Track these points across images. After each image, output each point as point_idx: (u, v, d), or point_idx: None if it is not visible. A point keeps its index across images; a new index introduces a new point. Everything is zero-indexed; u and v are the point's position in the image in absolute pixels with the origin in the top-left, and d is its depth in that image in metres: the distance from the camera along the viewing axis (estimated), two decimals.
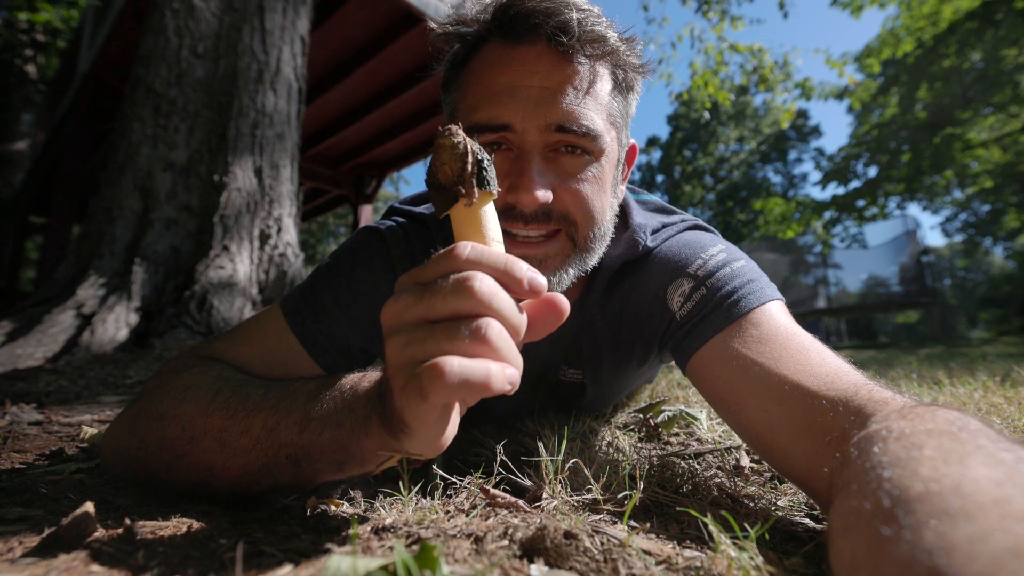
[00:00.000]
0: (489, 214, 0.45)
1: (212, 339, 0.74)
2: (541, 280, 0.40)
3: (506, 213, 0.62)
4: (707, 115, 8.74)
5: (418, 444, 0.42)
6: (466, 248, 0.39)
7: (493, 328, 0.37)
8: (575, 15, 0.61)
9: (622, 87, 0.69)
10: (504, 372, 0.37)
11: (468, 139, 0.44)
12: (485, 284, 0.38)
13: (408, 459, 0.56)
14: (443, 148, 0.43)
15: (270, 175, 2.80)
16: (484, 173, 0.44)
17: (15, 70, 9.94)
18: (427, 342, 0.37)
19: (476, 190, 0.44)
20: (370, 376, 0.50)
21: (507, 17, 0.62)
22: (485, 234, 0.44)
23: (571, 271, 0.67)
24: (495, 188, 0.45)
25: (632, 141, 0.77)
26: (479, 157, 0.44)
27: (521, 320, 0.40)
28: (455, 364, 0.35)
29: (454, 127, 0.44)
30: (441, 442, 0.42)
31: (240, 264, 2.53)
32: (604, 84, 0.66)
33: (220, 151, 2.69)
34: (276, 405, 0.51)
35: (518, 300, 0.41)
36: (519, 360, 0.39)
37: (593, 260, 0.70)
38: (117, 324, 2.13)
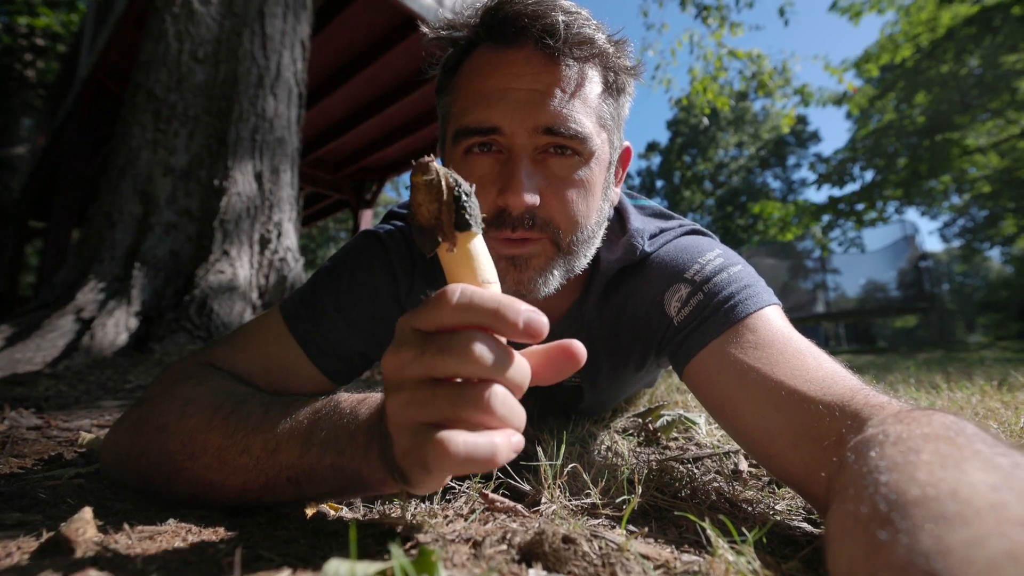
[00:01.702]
0: (478, 253, 0.41)
1: (212, 344, 0.74)
2: (539, 320, 0.37)
3: (497, 219, 0.62)
4: (706, 121, 8.80)
5: (418, 491, 0.43)
6: (455, 293, 0.37)
7: (497, 397, 0.36)
8: (562, 17, 0.61)
9: (613, 89, 0.69)
10: (509, 442, 0.36)
11: (444, 172, 0.39)
12: (486, 349, 0.36)
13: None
14: (417, 187, 0.39)
15: (270, 180, 2.81)
16: (463, 212, 0.39)
17: (15, 74, 9.97)
18: (428, 406, 0.36)
19: (456, 234, 0.39)
20: (369, 400, 0.50)
21: (495, 21, 0.63)
22: (476, 277, 0.40)
23: (556, 273, 0.67)
24: (478, 226, 0.40)
25: (626, 144, 0.77)
26: (456, 194, 0.39)
27: (524, 378, 0.39)
28: (460, 443, 0.34)
29: (426, 160, 0.39)
30: (440, 485, 0.43)
31: (240, 268, 2.53)
32: (594, 86, 0.66)
33: (220, 156, 2.70)
34: (276, 426, 0.51)
35: (523, 345, 0.39)
36: (522, 420, 0.39)
37: (581, 263, 0.70)
38: (117, 328, 2.13)
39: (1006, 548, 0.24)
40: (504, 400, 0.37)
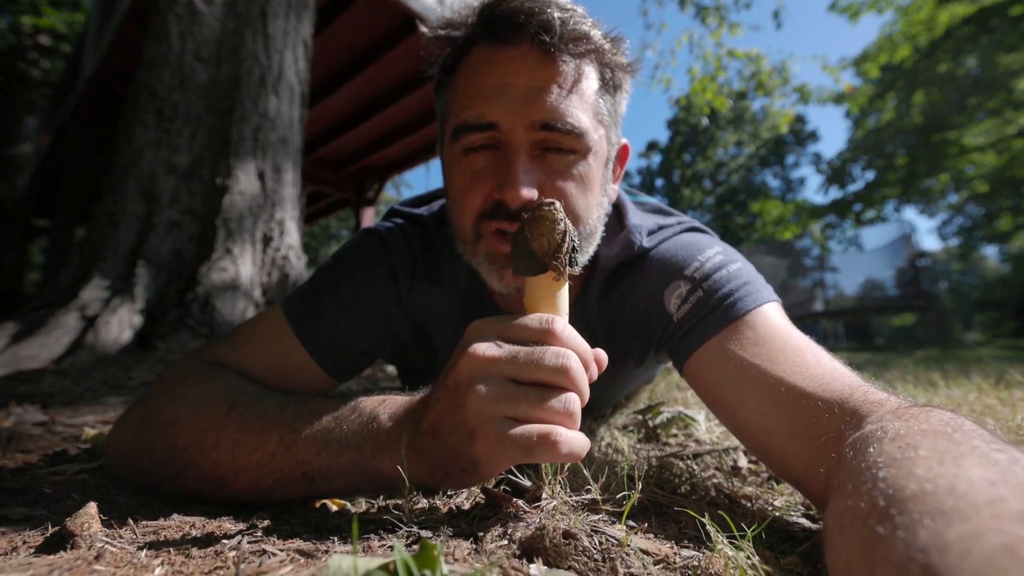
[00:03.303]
0: (565, 290, 0.50)
1: (215, 342, 0.75)
2: (597, 371, 0.49)
3: (494, 211, 0.63)
4: (706, 120, 8.83)
5: (469, 482, 0.49)
6: (563, 328, 0.46)
7: (577, 405, 0.45)
8: (557, 14, 0.61)
9: (609, 86, 0.69)
10: (584, 444, 0.44)
11: (567, 219, 0.48)
12: (580, 368, 0.45)
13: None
14: (544, 220, 0.48)
15: (272, 178, 2.81)
16: (574, 254, 0.49)
17: (19, 74, 9.98)
18: (519, 403, 0.43)
19: (567, 270, 0.48)
20: (391, 401, 0.52)
21: (492, 18, 0.63)
22: (559, 308, 0.49)
23: None
24: (579, 268, 0.50)
25: (624, 141, 0.78)
26: (573, 237, 0.49)
27: (587, 393, 0.47)
28: (564, 438, 0.42)
29: (559, 203, 0.49)
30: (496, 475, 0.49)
31: (243, 267, 2.53)
32: (590, 82, 0.66)
33: (223, 155, 2.70)
34: (293, 423, 0.53)
35: None
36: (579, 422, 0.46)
37: (582, 258, 0.70)
38: (120, 326, 2.14)
39: (1003, 543, 0.24)
40: (578, 409, 0.45)
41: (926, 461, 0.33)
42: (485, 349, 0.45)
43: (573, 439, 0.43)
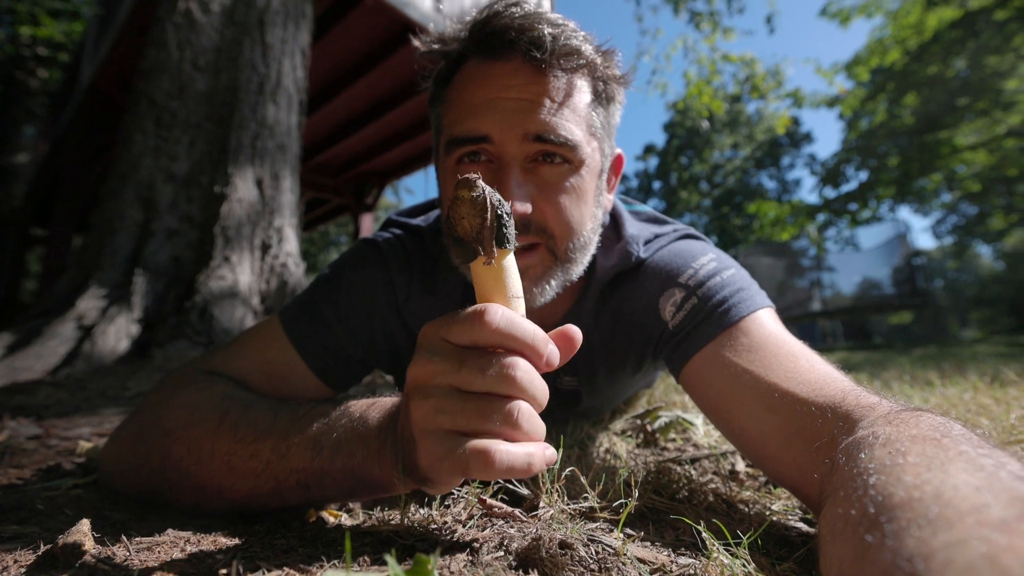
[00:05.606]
0: (509, 269, 0.44)
1: (212, 352, 0.75)
2: (557, 356, 0.43)
3: None
4: (706, 124, 8.88)
5: (434, 492, 0.45)
6: (496, 316, 0.40)
7: (523, 413, 0.40)
8: (548, 30, 0.62)
9: (602, 98, 0.70)
10: (544, 454, 0.41)
11: (488, 190, 0.42)
12: (525, 373, 0.40)
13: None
14: (462, 201, 0.42)
15: (271, 186, 2.81)
16: (504, 229, 0.42)
17: (17, 83, 10.01)
18: (458, 415, 0.40)
19: (495, 250, 0.42)
20: (379, 405, 0.51)
21: (483, 34, 0.64)
22: (506, 291, 0.44)
23: (553, 282, 0.67)
24: (513, 244, 0.44)
25: (618, 151, 0.78)
26: (499, 212, 0.42)
27: (545, 397, 0.42)
28: (501, 455, 0.38)
29: (473, 177, 0.42)
30: (454, 486, 0.45)
31: (241, 274, 2.53)
32: (583, 96, 0.67)
33: (221, 162, 2.70)
34: (286, 431, 0.52)
35: None
36: (544, 432, 0.42)
37: (577, 270, 0.70)
38: (118, 335, 2.13)
39: (984, 551, 0.24)
40: (529, 416, 0.41)
41: (915, 467, 0.33)
42: (426, 358, 0.41)
43: (511, 455, 0.38)
